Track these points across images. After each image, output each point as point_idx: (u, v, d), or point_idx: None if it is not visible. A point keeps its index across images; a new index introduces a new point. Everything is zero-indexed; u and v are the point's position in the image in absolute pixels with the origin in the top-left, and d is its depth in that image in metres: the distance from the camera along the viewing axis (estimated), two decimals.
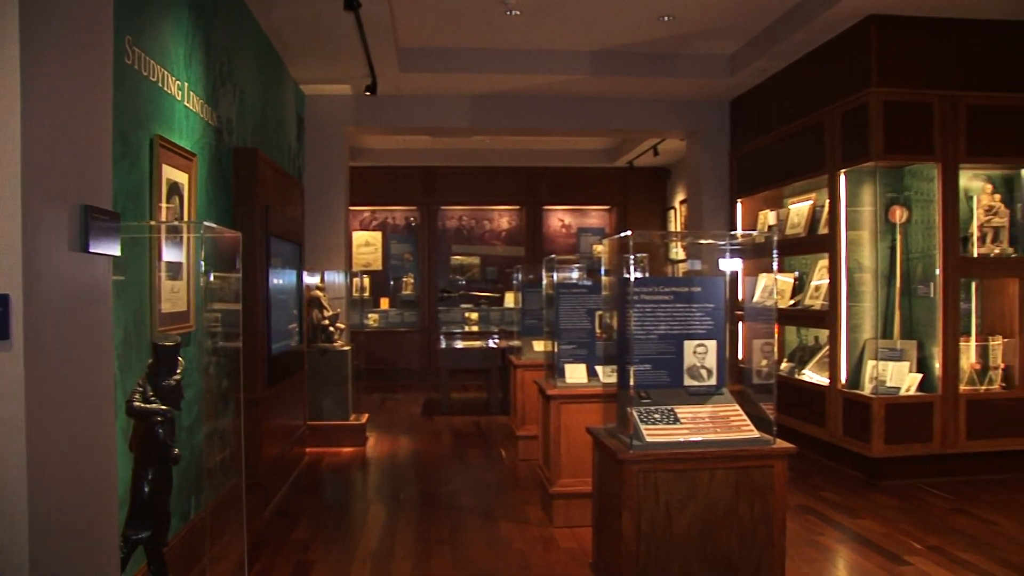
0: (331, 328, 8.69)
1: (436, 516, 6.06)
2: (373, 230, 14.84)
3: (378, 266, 14.71)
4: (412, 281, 14.59)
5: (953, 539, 5.41)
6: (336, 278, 9.37)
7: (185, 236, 4.71)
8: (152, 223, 4.27)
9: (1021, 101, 7.10)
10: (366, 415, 9.10)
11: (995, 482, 6.86)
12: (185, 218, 4.84)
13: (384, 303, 14.52)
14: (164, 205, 4.48)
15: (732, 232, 6.14)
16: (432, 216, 14.60)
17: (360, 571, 4.91)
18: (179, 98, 4.88)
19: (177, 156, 4.74)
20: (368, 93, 8.75)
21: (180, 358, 3.54)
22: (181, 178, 4.81)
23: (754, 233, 5.21)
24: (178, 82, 4.85)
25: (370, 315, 14.26)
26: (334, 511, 6.27)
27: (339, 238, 9.48)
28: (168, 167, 4.57)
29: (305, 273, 8.31)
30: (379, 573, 4.88)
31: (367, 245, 14.70)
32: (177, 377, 3.48)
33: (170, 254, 4.56)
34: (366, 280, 14.14)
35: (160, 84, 4.54)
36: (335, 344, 8.67)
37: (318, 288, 8.75)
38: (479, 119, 9.90)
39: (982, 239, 7.17)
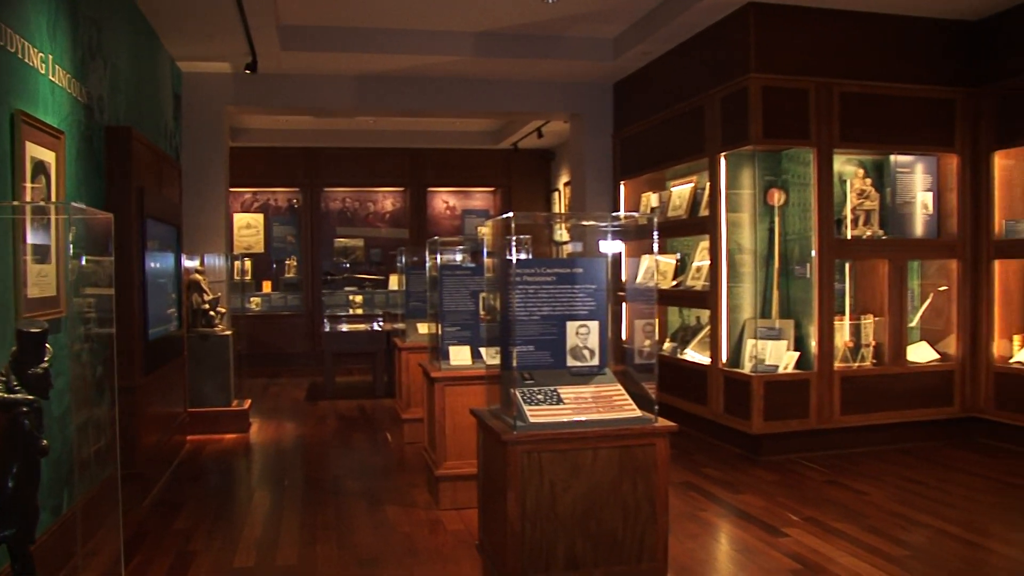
0: (212, 312, 8.48)
1: (322, 502, 5.99)
2: (255, 212, 14.55)
3: (260, 249, 14.44)
4: (295, 264, 14.36)
5: (827, 510, 5.60)
6: (217, 261, 9.15)
7: (53, 218, 4.52)
8: (15, 203, 4.08)
9: (891, 90, 7.36)
10: (249, 401, 8.93)
11: (866, 454, 7.13)
12: (52, 199, 4.64)
13: (267, 286, 14.27)
14: (28, 185, 4.28)
15: (614, 214, 6.23)
16: (315, 198, 14.39)
17: (244, 560, 4.82)
18: (43, 71, 4.64)
19: (42, 133, 4.52)
20: (248, 71, 8.54)
21: (48, 345, 3.39)
22: (47, 156, 4.60)
23: (636, 215, 5.26)
24: (41, 54, 4.61)
25: (252, 299, 13.99)
26: (217, 499, 6.13)
27: (219, 220, 9.25)
28: (32, 144, 4.36)
29: (184, 256, 8.09)
30: (264, 561, 4.80)
31: (248, 227, 14.41)
32: (44, 365, 3.34)
33: (36, 237, 4.37)
34: (248, 263, 13.88)
35: (20, 56, 4.30)
36: (216, 329, 8.47)
37: (198, 271, 8.52)
38: (363, 99, 9.77)
39: (855, 222, 7.41)
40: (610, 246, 4.18)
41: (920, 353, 7.66)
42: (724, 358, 7.52)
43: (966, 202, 7.60)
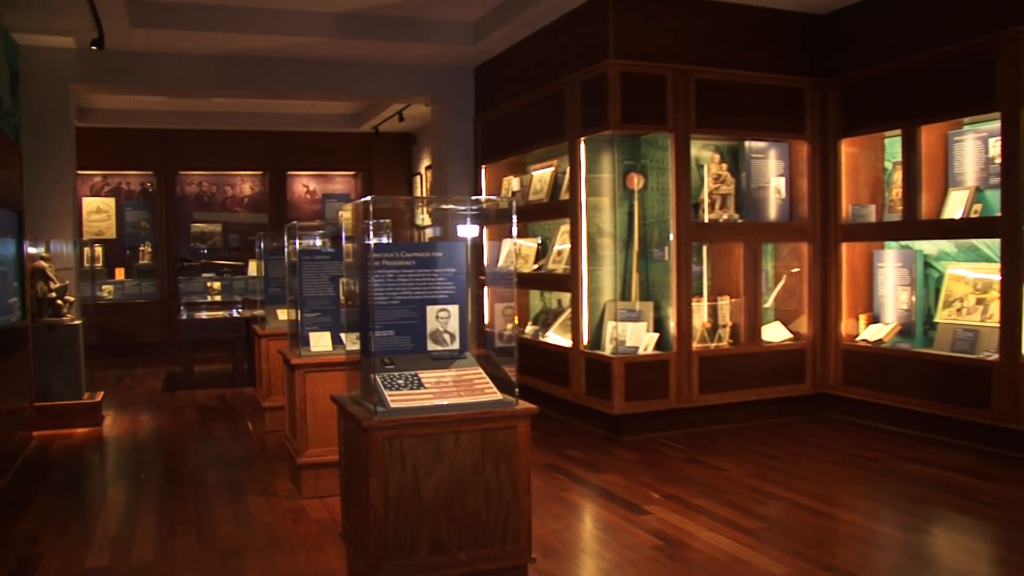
0: (59, 301, 8.12)
1: (180, 495, 5.81)
2: (105, 196, 14.00)
3: (112, 234, 13.91)
4: (150, 250, 13.89)
5: (687, 487, 5.74)
6: (64, 248, 8.75)
7: None
8: None
9: (745, 78, 7.56)
10: (101, 393, 8.60)
11: (724, 431, 7.34)
12: None
13: (119, 273, 13.75)
14: None
15: (475, 198, 6.22)
16: (170, 181, 13.93)
17: (97, 559, 4.63)
18: None
19: None
20: (94, 48, 8.17)
21: None
22: None
23: (495, 198, 5.26)
24: None
25: (104, 286, 13.47)
26: (66, 498, 5.87)
27: (66, 205, 8.83)
28: None
29: (27, 243, 7.71)
30: (118, 559, 4.62)
31: (99, 212, 13.86)
32: None
33: None
34: (99, 249, 13.37)
35: None
36: (64, 318, 8.12)
37: (43, 259, 8.14)
38: (219, 81, 9.49)
39: (712, 206, 7.60)
40: (469, 230, 4.15)
41: (774, 333, 7.92)
42: (585, 340, 7.62)
43: (816, 187, 7.89)
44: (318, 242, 7.03)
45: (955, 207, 6.96)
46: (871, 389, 7.45)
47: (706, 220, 7.54)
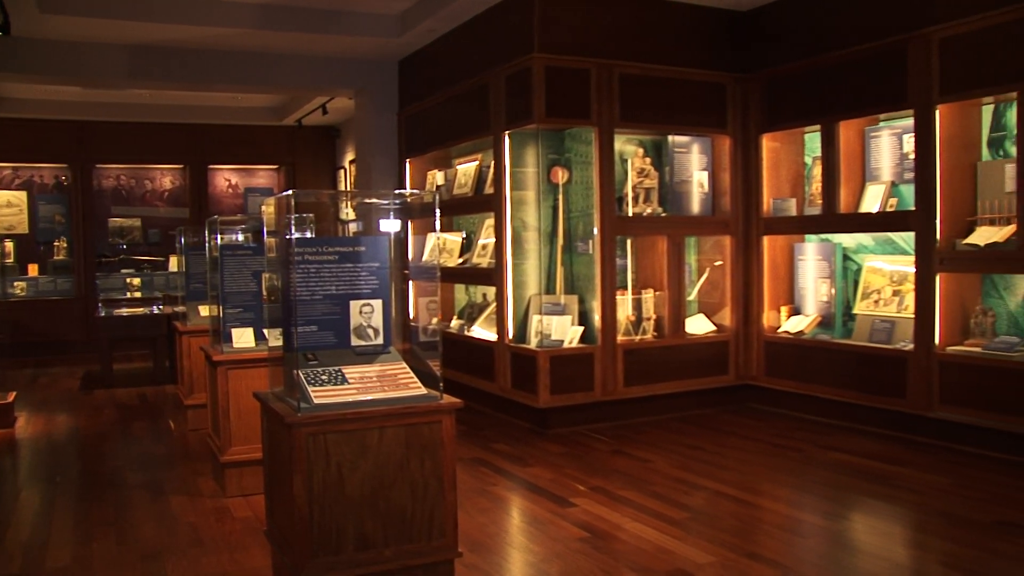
0: None
1: (100, 497, 5.67)
2: (16, 189, 13.58)
3: (24, 229, 13.50)
4: (65, 245, 13.53)
5: (613, 479, 5.78)
6: None
7: None
8: None
9: (668, 73, 7.63)
10: (13, 393, 8.34)
11: (649, 423, 7.40)
12: None
13: (33, 270, 13.37)
14: None
15: (398, 191, 6.19)
16: (86, 175, 13.57)
17: (7, 565, 4.49)
18: None
19: None
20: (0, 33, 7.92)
21: None
22: None
23: (417, 192, 5.24)
24: None
25: (16, 283, 13.09)
26: None
27: None
28: None
29: None
30: (31, 565, 4.49)
31: (9, 206, 13.45)
32: None
33: None
34: (9, 245, 13.00)
35: None
36: None
37: None
38: (136, 71, 9.27)
39: (635, 199, 7.65)
40: (392, 224, 4.12)
41: (698, 325, 8.01)
42: (510, 334, 7.62)
43: (738, 181, 7.99)
44: (240, 237, 6.93)
45: (872, 201, 7.11)
46: (793, 380, 7.59)
47: (630, 214, 7.59)
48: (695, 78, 7.79)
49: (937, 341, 6.45)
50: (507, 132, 7.59)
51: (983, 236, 6.22)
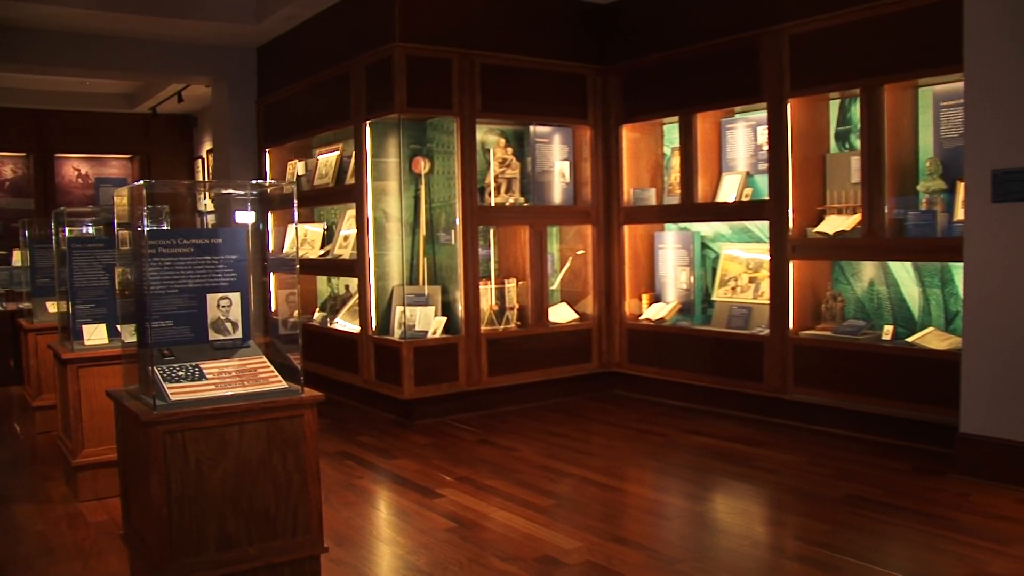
0: None
1: None
2: None
3: None
4: None
5: (479, 468, 5.79)
6: None
7: None
8: None
9: (529, 63, 7.66)
10: None
11: (515, 412, 7.44)
12: None
13: None
14: None
15: (257, 182, 6.07)
16: None
17: None
18: None
19: None
20: None
21: None
22: None
23: (276, 183, 5.14)
24: None
25: None
26: None
27: None
28: None
29: None
30: None
31: None
32: None
33: None
34: None
35: None
36: None
37: None
38: None
39: (498, 189, 7.67)
40: (248, 215, 4.03)
41: (561, 314, 8.10)
42: (373, 326, 7.56)
43: (599, 171, 8.10)
44: (90, 229, 6.65)
45: (728, 191, 7.32)
46: (655, 366, 7.75)
47: (492, 204, 7.60)
48: (556, 69, 7.85)
49: (791, 326, 6.69)
50: (368, 122, 7.51)
51: (832, 225, 6.48)
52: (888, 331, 6.28)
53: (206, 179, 13.56)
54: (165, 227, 4.47)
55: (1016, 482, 5.06)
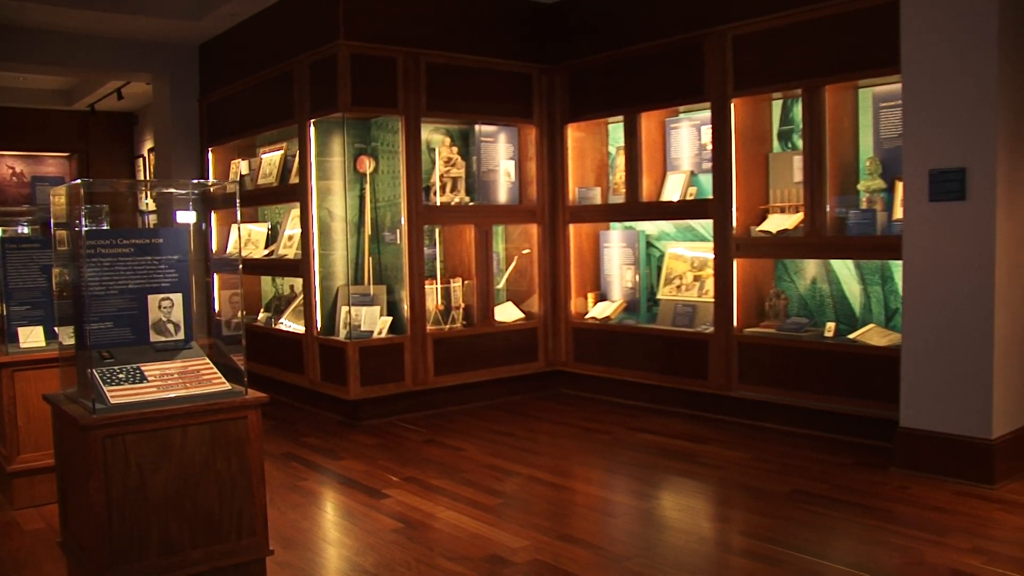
0: None
1: None
2: None
3: None
4: None
5: (426, 468, 5.76)
6: None
7: None
8: None
9: (474, 63, 7.65)
10: None
11: (461, 412, 7.43)
12: None
13: None
14: None
15: (200, 181, 5.99)
16: None
17: None
18: None
19: None
20: None
21: None
22: None
23: (219, 182, 5.07)
24: None
25: None
26: None
27: None
28: None
29: None
30: None
31: None
32: None
33: None
34: None
35: None
36: None
37: None
38: None
39: (443, 188, 7.65)
40: (189, 215, 3.97)
41: (507, 313, 8.10)
42: (319, 326, 7.51)
43: (544, 171, 8.11)
44: (26, 229, 6.51)
45: (673, 190, 7.37)
46: (601, 364, 7.78)
47: (438, 203, 7.58)
48: (501, 68, 7.84)
49: (735, 324, 6.76)
50: (312, 120, 7.45)
51: (775, 224, 6.55)
52: (830, 328, 6.37)
53: (147, 178, 13.35)
54: (104, 227, 4.40)
55: (953, 474, 5.16)
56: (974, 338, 5.11)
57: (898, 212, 5.83)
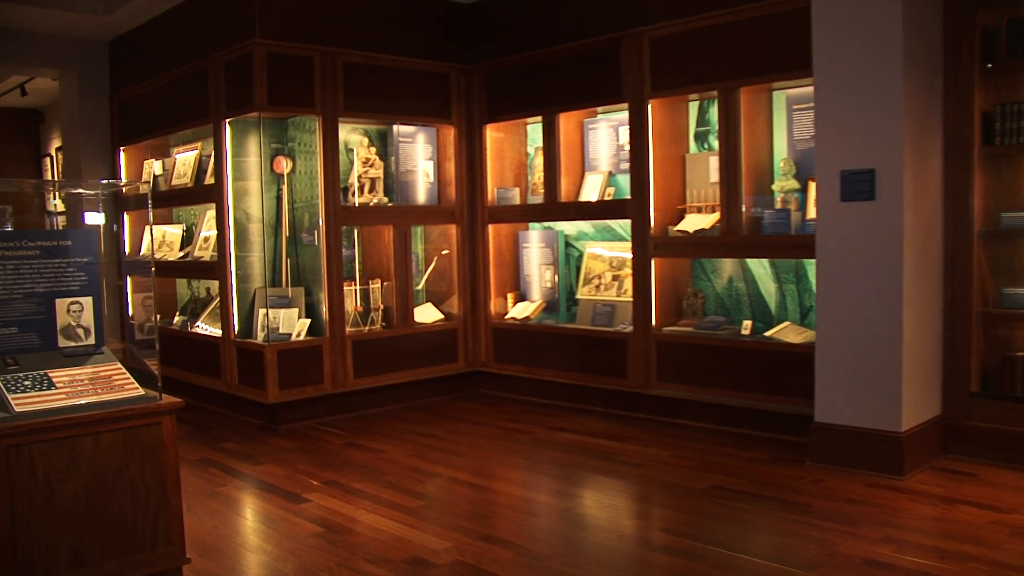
0: None
1: None
2: None
3: None
4: None
5: (347, 471, 5.71)
6: None
7: None
8: None
9: (392, 62, 7.59)
10: None
11: (382, 414, 7.38)
12: None
13: None
14: None
15: (111, 181, 5.85)
16: None
17: None
18: None
19: None
20: None
21: None
22: None
23: (131, 182, 4.95)
24: None
25: None
26: None
27: None
28: None
29: None
30: None
31: None
32: None
33: None
34: None
35: None
36: None
37: None
38: None
39: (361, 189, 7.58)
40: (98, 216, 3.87)
41: (426, 314, 8.06)
42: (236, 329, 7.38)
43: (463, 171, 8.09)
44: None
45: (591, 190, 7.42)
46: (521, 364, 7.79)
47: (356, 204, 7.51)
48: (420, 68, 7.80)
49: (654, 322, 6.82)
50: (228, 120, 7.32)
51: (692, 223, 6.64)
52: (747, 326, 6.47)
53: (55, 178, 12.98)
54: (8, 228, 4.26)
55: (865, 467, 5.29)
56: (884, 334, 5.25)
57: (812, 212, 5.95)
